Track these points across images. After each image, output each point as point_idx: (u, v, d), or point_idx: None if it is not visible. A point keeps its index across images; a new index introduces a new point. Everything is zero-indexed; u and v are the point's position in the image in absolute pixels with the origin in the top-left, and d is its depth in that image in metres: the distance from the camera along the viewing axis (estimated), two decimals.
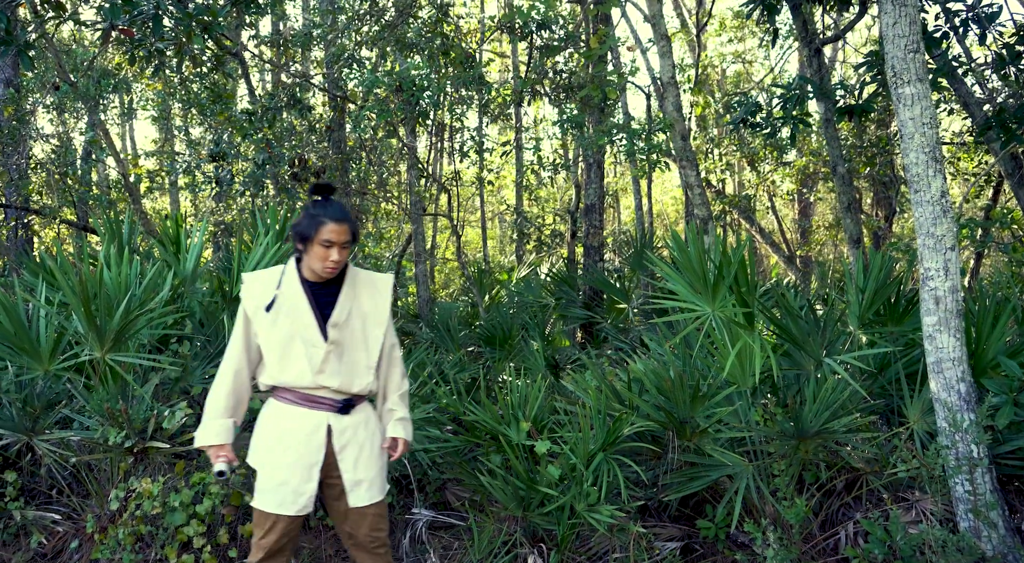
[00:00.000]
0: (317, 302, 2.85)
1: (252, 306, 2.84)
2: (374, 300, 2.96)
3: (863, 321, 4.13)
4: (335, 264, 2.79)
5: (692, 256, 3.83)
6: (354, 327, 2.90)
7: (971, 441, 3.51)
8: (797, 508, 3.61)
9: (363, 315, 2.92)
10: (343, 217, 2.79)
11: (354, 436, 2.89)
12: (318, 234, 2.75)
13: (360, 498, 2.89)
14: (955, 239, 3.75)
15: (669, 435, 3.94)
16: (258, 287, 2.85)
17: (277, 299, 2.82)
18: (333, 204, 2.83)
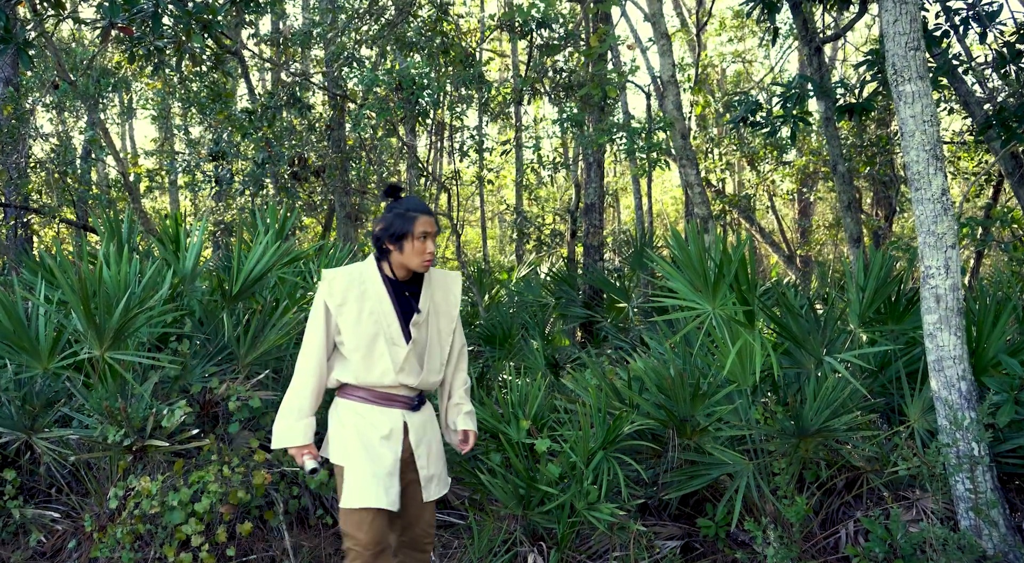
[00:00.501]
0: (398, 300, 2.88)
1: (335, 303, 2.82)
2: (447, 298, 3.00)
3: (863, 319, 4.13)
4: (432, 255, 2.85)
5: (692, 254, 3.82)
6: (431, 325, 2.93)
7: (972, 439, 3.50)
8: (797, 506, 3.60)
9: (438, 313, 2.96)
10: (427, 210, 2.86)
11: (424, 433, 2.94)
12: (415, 227, 2.79)
13: (432, 492, 2.96)
14: (956, 237, 3.74)
15: (669, 433, 3.93)
16: (340, 284, 2.85)
17: (362, 297, 2.83)
18: (412, 198, 2.88)
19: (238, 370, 4.63)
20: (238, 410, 4.20)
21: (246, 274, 4.55)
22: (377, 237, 2.87)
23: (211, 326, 4.87)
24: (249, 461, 3.81)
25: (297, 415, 2.83)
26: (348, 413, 2.90)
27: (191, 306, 4.80)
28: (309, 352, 2.85)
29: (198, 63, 6.53)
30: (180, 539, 3.54)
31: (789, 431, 3.73)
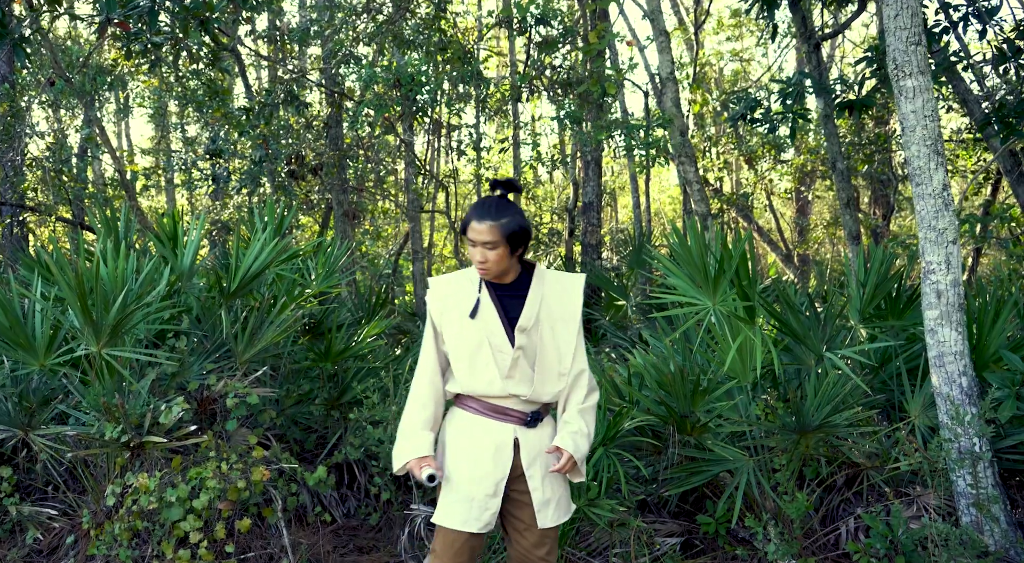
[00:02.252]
0: (503, 305, 2.68)
1: (437, 311, 2.68)
2: (563, 302, 2.72)
3: (864, 315, 4.11)
4: (480, 265, 2.62)
5: (693, 250, 3.81)
6: (543, 331, 2.69)
7: (973, 434, 3.49)
8: (798, 502, 3.59)
9: (552, 319, 2.70)
10: (485, 216, 2.57)
11: (540, 452, 2.70)
12: (467, 233, 2.62)
13: (548, 518, 2.70)
14: (956, 233, 3.73)
15: (669, 430, 3.92)
16: (440, 292, 2.70)
17: (464, 303, 2.67)
18: (492, 200, 2.62)
19: (236, 367, 4.61)
20: (236, 407, 4.18)
21: (244, 271, 4.53)
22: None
23: (209, 323, 4.85)
24: (247, 458, 3.79)
25: (411, 431, 2.66)
26: (455, 426, 2.73)
27: (188, 303, 4.78)
28: (420, 366, 2.72)
29: (195, 60, 6.51)
30: (178, 536, 3.51)
31: (790, 427, 3.72)
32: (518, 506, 2.73)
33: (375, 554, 4.57)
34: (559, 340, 2.70)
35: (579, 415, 2.71)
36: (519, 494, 2.71)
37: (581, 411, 2.71)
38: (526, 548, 2.73)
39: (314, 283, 5.54)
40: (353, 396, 4.99)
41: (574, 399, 2.73)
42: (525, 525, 2.72)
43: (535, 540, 2.72)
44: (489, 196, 2.65)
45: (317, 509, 4.32)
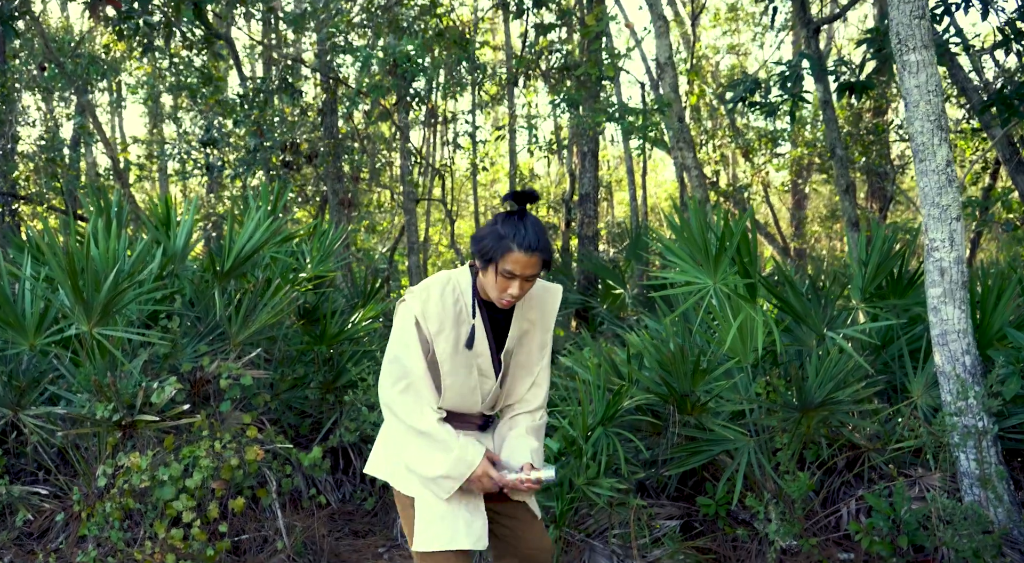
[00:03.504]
0: (491, 324, 2.48)
1: (433, 329, 2.38)
2: (543, 313, 2.55)
3: (866, 294, 4.07)
4: (513, 299, 2.35)
5: (693, 227, 3.76)
6: (521, 350, 2.54)
7: (979, 410, 3.44)
8: (800, 482, 3.54)
9: (530, 334, 2.54)
10: (536, 245, 2.29)
11: (499, 450, 2.57)
12: (501, 261, 2.30)
13: (535, 505, 2.61)
14: (960, 209, 3.68)
15: (669, 409, 3.87)
16: (436, 306, 2.38)
17: (458, 322, 2.41)
18: (528, 223, 2.32)
19: (229, 350, 4.55)
20: (229, 388, 4.12)
21: (238, 251, 4.46)
22: (471, 245, 2.41)
23: (202, 305, 4.78)
24: (241, 438, 3.73)
25: (450, 442, 2.35)
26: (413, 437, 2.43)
27: (181, 285, 4.72)
28: (421, 384, 2.37)
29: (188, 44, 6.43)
30: (171, 516, 3.46)
31: (791, 405, 3.67)
32: (510, 508, 2.57)
33: (371, 538, 4.52)
34: (533, 353, 2.56)
35: (536, 431, 2.57)
36: (499, 499, 2.54)
37: (536, 429, 2.58)
38: (535, 544, 2.57)
39: (309, 267, 5.48)
40: (349, 379, 4.93)
41: (526, 414, 2.58)
42: (524, 521, 2.57)
43: (540, 530, 2.60)
44: (522, 215, 2.34)
45: (312, 491, 4.26)
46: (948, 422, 3.34)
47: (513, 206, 2.36)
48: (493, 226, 2.35)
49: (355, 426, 4.86)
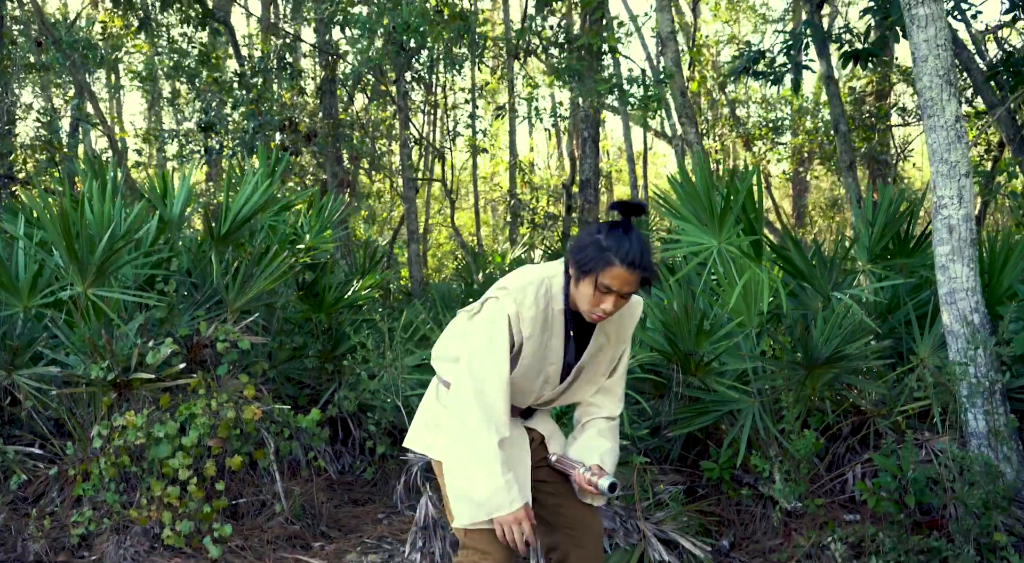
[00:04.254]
0: (573, 335, 2.36)
1: (526, 333, 2.25)
2: (619, 329, 2.42)
3: (872, 255, 4.01)
4: (605, 314, 2.22)
5: (699, 185, 3.70)
6: (593, 363, 2.41)
7: (988, 362, 3.38)
8: (806, 440, 3.49)
9: (604, 349, 2.42)
10: (639, 262, 2.15)
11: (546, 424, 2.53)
12: (600, 274, 2.16)
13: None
14: (969, 166, 3.62)
15: (673, 369, 3.81)
16: (530, 310, 2.25)
17: (544, 329, 2.28)
18: (634, 237, 2.18)
19: (226, 316, 4.49)
20: (227, 352, 4.06)
21: (235, 213, 4.40)
22: (569, 252, 2.27)
23: (199, 273, 4.72)
24: (238, 399, 3.67)
25: (498, 474, 2.17)
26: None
27: (178, 253, 4.65)
28: (498, 396, 2.21)
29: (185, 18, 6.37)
30: (167, 474, 3.40)
31: (797, 362, 3.61)
32: (552, 488, 2.47)
33: (370, 505, 4.46)
34: (601, 366, 2.44)
35: (610, 432, 2.48)
36: (542, 482, 2.46)
37: (612, 427, 2.49)
38: (580, 518, 2.46)
39: (307, 238, 5.43)
40: (348, 347, 4.87)
41: (606, 408, 2.50)
42: (568, 497, 2.46)
43: (589, 512, 2.49)
44: (627, 228, 2.20)
45: (311, 455, 4.20)
46: (959, 371, 3.27)
47: (618, 217, 2.22)
48: (595, 235, 2.21)
49: (354, 395, 4.81)
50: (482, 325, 2.25)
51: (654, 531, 3.55)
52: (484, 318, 2.25)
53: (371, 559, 3.60)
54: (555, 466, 2.45)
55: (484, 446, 2.15)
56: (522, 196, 17.53)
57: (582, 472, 2.35)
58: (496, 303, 2.24)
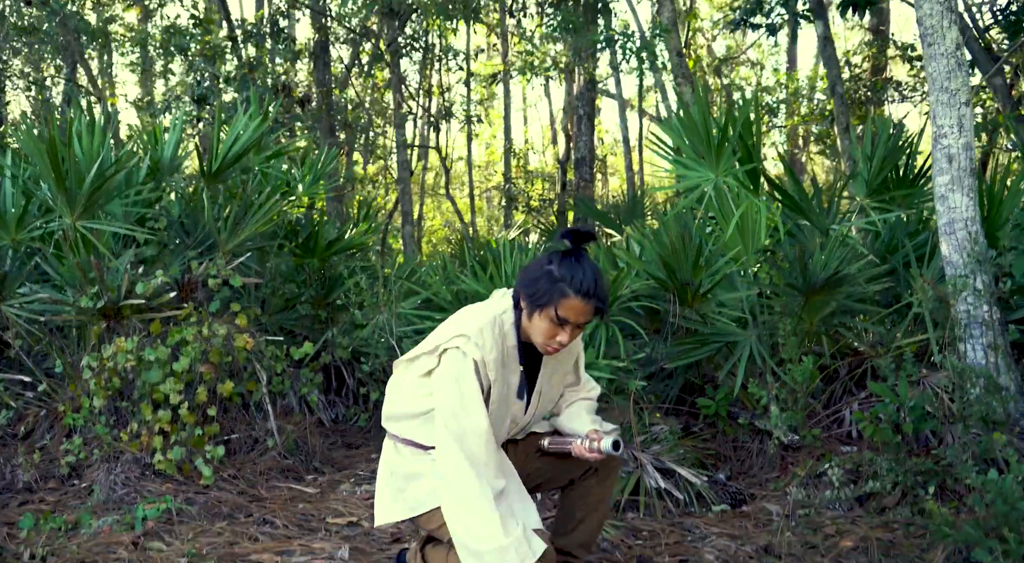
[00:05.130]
0: (527, 369, 2.30)
1: (492, 377, 2.17)
2: (568, 350, 2.38)
3: (871, 189, 3.97)
4: (560, 346, 2.18)
5: (696, 115, 3.66)
6: (550, 387, 2.39)
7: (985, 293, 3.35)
8: (804, 366, 3.46)
9: (558, 372, 2.41)
10: (594, 291, 2.10)
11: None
12: (555, 307, 2.11)
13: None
14: (969, 94, 3.59)
15: (670, 300, 3.77)
16: (493, 354, 2.17)
17: (505, 370, 2.21)
18: (586, 266, 2.13)
19: (218, 258, 4.44)
20: (218, 289, 4.01)
21: (227, 150, 4.35)
22: (517, 286, 2.22)
23: (190, 217, 4.66)
24: (230, 328, 3.62)
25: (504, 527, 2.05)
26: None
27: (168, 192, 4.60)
28: (480, 439, 2.11)
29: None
30: (158, 399, 3.35)
31: (795, 286, 3.58)
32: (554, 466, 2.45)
33: (364, 449, 4.43)
34: (557, 382, 2.41)
35: (594, 406, 2.47)
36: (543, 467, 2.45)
37: (593, 404, 2.48)
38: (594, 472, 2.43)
39: (300, 188, 5.38)
40: (342, 290, 4.83)
41: (581, 393, 2.50)
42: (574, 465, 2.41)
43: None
44: (579, 257, 2.15)
45: (303, 390, 4.15)
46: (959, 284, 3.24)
47: (567, 246, 2.17)
48: (546, 267, 2.15)
49: (347, 342, 4.77)
50: (448, 380, 2.13)
51: (651, 460, 3.53)
52: (450, 372, 2.13)
53: (365, 489, 3.56)
54: (551, 450, 2.40)
55: (482, 508, 2.04)
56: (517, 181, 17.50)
57: (580, 443, 2.30)
58: (458, 353, 2.12)
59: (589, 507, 2.45)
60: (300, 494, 3.49)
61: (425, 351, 2.21)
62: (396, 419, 2.31)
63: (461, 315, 2.26)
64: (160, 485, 3.32)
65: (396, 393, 2.33)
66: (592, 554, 2.90)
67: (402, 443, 2.30)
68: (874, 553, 2.81)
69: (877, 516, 3.13)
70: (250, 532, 2.99)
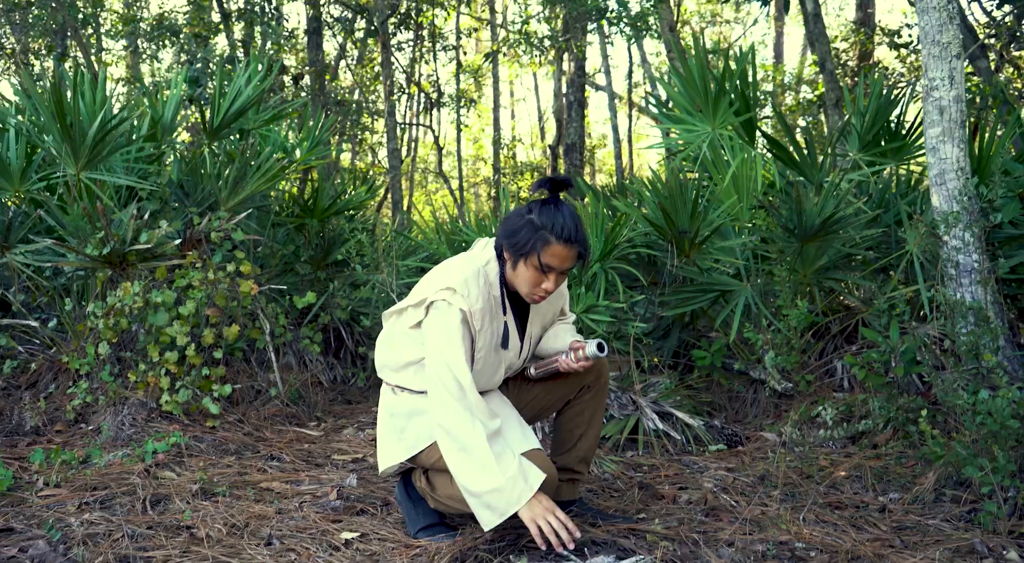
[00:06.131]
0: (517, 316, 2.37)
1: (477, 327, 2.22)
2: (555, 294, 2.45)
3: (864, 144, 4.05)
4: (546, 294, 2.23)
5: (693, 66, 3.73)
6: (541, 326, 2.46)
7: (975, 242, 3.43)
8: (800, 311, 3.54)
9: (547, 315, 2.47)
10: (575, 236, 2.16)
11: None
12: (538, 254, 2.16)
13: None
14: (960, 47, 3.67)
15: (668, 249, 3.84)
16: (479, 304, 2.21)
17: (492, 320, 2.26)
18: (566, 211, 2.18)
19: (220, 212, 4.47)
20: (221, 243, 4.05)
21: (228, 104, 4.38)
22: (499, 237, 2.25)
23: (191, 177, 4.70)
24: (235, 276, 3.67)
25: (500, 464, 2.10)
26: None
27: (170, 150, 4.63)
28: (472, 394, 2.14)
29: None
30: (164, 342, 3.39)
31: (791, 230, 3.66)
32: (545, 392, 2.50)
33: (365, 404, 4.47)
34: (547, 321, 2.49)
35: (569, 326, 2.52)
36: (536, 395, 2.51)
37: (568, 325, 2.53)
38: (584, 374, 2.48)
39: (297, 153, 5.41)
40: (343, 250, 4.87)
41: (563, 319, 2.57)
42: (563, 383, 2.48)
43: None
44: (558, 203, 2.19)
45: (304, 342, 4.20)
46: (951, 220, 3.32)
47: (546, 194, 2.21)
48: (526, 215, 2.18)
49: (346, 303, 4.81)
50: (437, 330, 2.17)
51: (649, 404, 3.60)
52: (438, 323, 2.18)
53: (368, 433, 3.62)
54: (539, 376, 2.45)
55: (478, 450, 2.09)
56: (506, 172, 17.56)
57: (565, 358, 2.35)
58: (445, 305, 2.17)
59: (586, 422, 2.52)
60: (305, 436, 3.54)
61: (411, 303, 2.28)
62: (390, 368, 2.40)
63: (445, 267, 2.31)
64: (167, 426, 3.36)
65: (387, 343, 2.41)
66: (591, 474, 2.98)
67: (393, 390, 2.39)
68: (868, 479, 2.89)
69: (870, 451, 3.21)
70: (259, 465, 3.05)
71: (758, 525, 2.45)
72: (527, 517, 2.08)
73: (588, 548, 2.22)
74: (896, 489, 2.81)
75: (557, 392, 2.50)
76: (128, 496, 2.62)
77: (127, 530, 2.33)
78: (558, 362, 2.38)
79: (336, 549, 2.26)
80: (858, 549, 2.24)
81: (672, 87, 3.97)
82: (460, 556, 2.15)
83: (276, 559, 2.17)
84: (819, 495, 2.75)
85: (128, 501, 2.58)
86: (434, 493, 2.33)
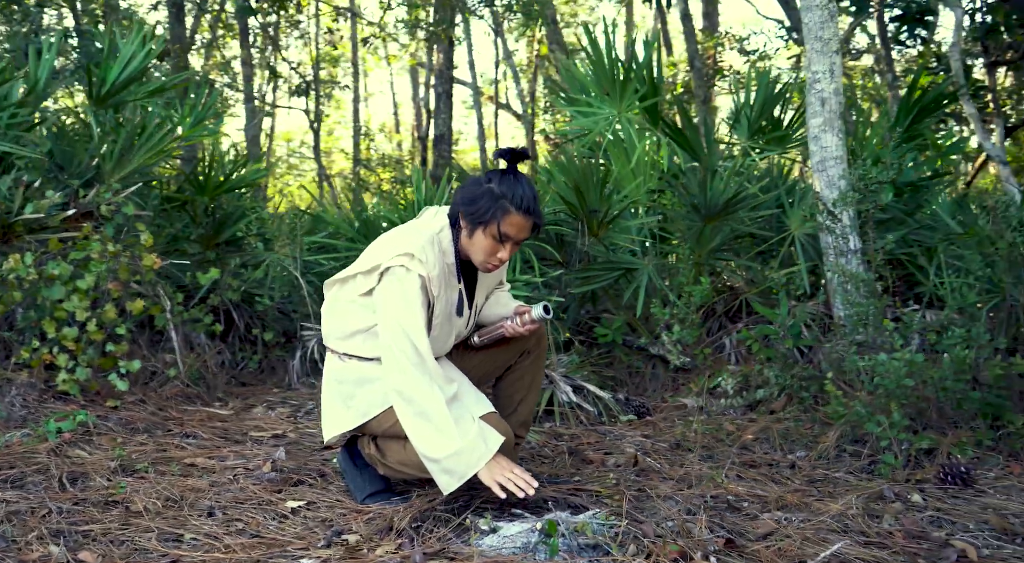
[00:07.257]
0: (467, 284, 2.39)
1: (434, 293, 2.22)
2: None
3: (751, 132, 4.33)
4: (500, 263, 2.27)
5: (602, 52, 3.86)
6: (486, 294, 2.50)
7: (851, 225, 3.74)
8: (703, 286, 3.75)
9: (491, 278, 2.50)
10: (533, 207, 2.19)
11: None
12: (497, 223, 2.18)
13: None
14: (840, 43, 3.99)
15: (579, 227, 3.96)
16: (436, 270, 2.21)
17: (447, 288, 2.27)
18: (524, 182, 2.20)
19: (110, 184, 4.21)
20: (111, 216, 3.83)
21: (117, 73, 4.13)
22: (456, 204, 2.26)
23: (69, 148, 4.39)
24: (135, 249, 3.48)
25: (457, 427, 2.12)
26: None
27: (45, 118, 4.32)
28: (427, 344, 2.16)
29: None
30: (60, 317, 3.18)
31: (697, 209, 3.86)
32: (489, 358, 2.54)
33: (263, 387, 4.35)
34: (492, 286, 2.55)
35: (507, 294, 2.59)
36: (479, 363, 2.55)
37: (506, 293, 2.59)
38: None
39: (179, 128, 5.16)
40: (232, 234, 4.70)
41: (500, 288, 2.62)
42: (505, 350, 2.52)
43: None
44: (516, 173, 2.22)
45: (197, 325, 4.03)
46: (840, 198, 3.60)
47: (504, 164, 2.24)
48: (486, 184, 2.20)
49: (238, 284, 4.64)
50: (394, 296, 2.18)
51: (561, 378, 3.71)
52: (395, 288, 2.18)
53: (279, 412, 3.53)
54: (485, 343, 2.49)
55: (436, 414, 2.11)
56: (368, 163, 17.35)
57: (510, 323, 2.40)
58: (403, 271, 2.17)
59: (526, 387, 2.57)
60: (215, 415, 3.41)
61: (361, 270, 2.27)
62: (336, 337, 2.37)
63: (397, 233, 2.31)
64: (63, 407, 3.15)
65: (332, 312, 2.39)
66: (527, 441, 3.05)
67: (340, 357, 2.37)
68: (775, 440, 3.11)
69: (769, 416, 3.45)
70: (175, 442, 2.92)
71: (686, 483, 2.59)
72: (487, 478, 2.11)
73: (540, 507, 2.28)
74: (801, 448, 3.04)
75: (499, 358, 2.55)
76: (41, 474, 2.46)
77: (52, 506, 2.18)
78: (503, 327, 2.42)
79: (285, 517, 2.22)
80: (784, 499, 2.42)
81: (583, 73, 4.09)
82: (419, 517, 2.16)
83: (226, 528, 2.11)
84: (734, 456, 2.94)
85: (43, 479, 2.42)
86: (384, 460, 2.32)
